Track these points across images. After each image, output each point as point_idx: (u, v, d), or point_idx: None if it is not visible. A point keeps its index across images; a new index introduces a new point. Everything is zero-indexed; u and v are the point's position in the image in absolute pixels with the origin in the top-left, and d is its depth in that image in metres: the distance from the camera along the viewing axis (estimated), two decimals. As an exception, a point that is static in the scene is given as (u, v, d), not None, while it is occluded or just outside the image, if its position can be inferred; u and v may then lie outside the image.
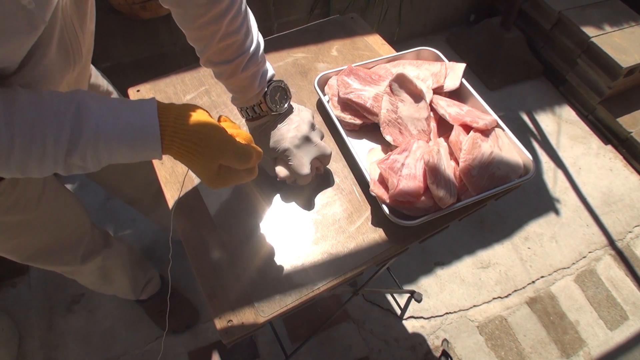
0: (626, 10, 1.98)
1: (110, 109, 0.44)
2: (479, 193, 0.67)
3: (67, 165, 0.43)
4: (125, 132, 0.44)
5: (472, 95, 0.80)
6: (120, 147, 0.44)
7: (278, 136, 0.66)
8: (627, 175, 1.81)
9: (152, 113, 0.46)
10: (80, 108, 0.42)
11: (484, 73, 2.08)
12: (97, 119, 0.43)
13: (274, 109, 0.66)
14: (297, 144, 0.65)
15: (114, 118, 0.44)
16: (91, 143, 0.42)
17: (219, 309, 0.59)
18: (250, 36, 0.61)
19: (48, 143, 0.40)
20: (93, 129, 0.42)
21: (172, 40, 1.55)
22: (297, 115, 0.68)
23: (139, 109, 0.46)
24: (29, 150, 0.40)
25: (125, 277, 1.11)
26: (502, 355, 1.35)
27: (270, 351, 1.30)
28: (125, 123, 0.44)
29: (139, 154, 0.46)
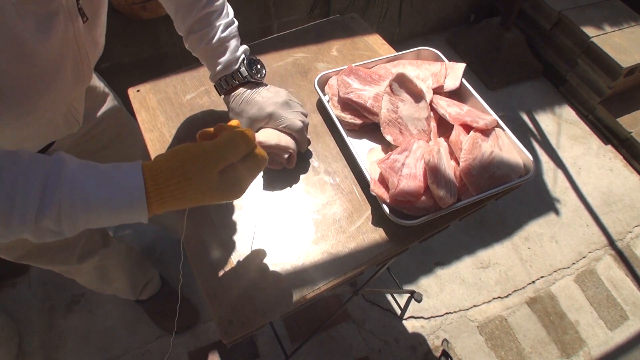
0: (626, 10, 1.98)
1: (90, 167, 0.42)
2: (479, 193, 0.67)
3: (38, 229, 0.38)
4: (104, 186, 0.41)
5: (472, 95, 0.80)
6: (99, 205, 0.40)
7: (259, 102, 0.67)
8: (627, 175, 1.81)
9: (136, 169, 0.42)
10: (58, 163, 0.39)
11: (484, 73, 2.08)
12: (74, 173, 0.40)
13: (253, 76, 0.68)
14: (280, 108, 0.67)
15: (94, 173, 0.41)
16: (65, 200, 0.38)
17: (219, 309, 0.59)
18: (226, 3, 0.68)
19: (16, 199, 0.36)
20: (68, 184, 0.39)
21: (172, 40, 1.55)
22: (273, 87, 0.70)
23: (122, 166, 0.43)
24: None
25: (125, 277, 1.11)
26: (502, 355, 1.35)
27: (270, 351, 1.30)
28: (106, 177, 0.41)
29: (120, 214, 0.42)
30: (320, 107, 0.84)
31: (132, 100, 0.84)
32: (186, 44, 0.70)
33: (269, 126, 0.68)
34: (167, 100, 0.84)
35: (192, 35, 0.67)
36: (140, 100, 0.84)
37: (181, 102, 0.83)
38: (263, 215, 0.69)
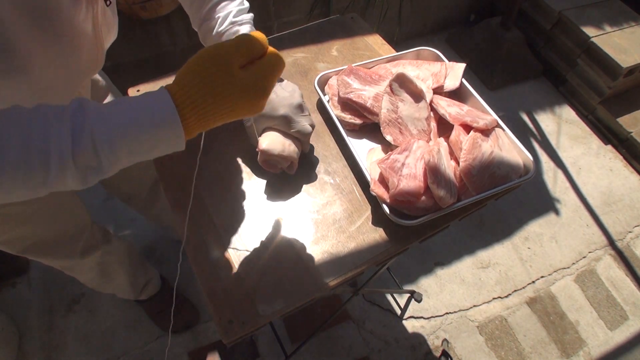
0: (626, 10, 1.98)
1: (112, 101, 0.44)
2: (479, 193, 0.67)
3: (78, 168, 0.38)
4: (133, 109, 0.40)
5: (472, 95, 0.80)
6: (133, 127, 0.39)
7: (273, 100, 0.65)
8: (627, 175, 1.81)
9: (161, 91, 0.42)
10: (79, 101, 0.40)
11: (484, 73, 2.08)
12: (99, 106, 0.40)
13: None
14: (294, 112, 0.66)
15: (119, 102, 0.41)
16: (98, 126, 0.38)
17: (219, 309, 0.59)
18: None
19: (51, 140, 0.37)
20: (97, 112, 0.39)
21: (172, 40, 1.55)
22: (289, 85, 0.69)
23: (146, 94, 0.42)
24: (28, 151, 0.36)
25: (125, 275, 1.11)
26: (502, 355, 1.35)
27: (270, 351, 1.30)
28: (133, 101, 0.40)
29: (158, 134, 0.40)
30: (320, 107, 0.84)
31: (132, 100, 0.84)
32: (200, 35, 0.69)
33: (279, 128, 0.67)
34: (167, 100, 0.83)
35: (206, 24, 0.66)
36: (140, 100, 0.84)
37: (181, 102, 0.83)
38: (263, 215, 0.69)
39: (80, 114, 0.38)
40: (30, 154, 0.36)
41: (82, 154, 0.38)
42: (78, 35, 0.51)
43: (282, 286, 0.61)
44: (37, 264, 1.42)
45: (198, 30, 0.69)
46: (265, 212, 0.70)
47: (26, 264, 1.41)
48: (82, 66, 0.56)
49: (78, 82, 0.60)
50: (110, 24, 0.60)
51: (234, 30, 0.65)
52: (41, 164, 0.37)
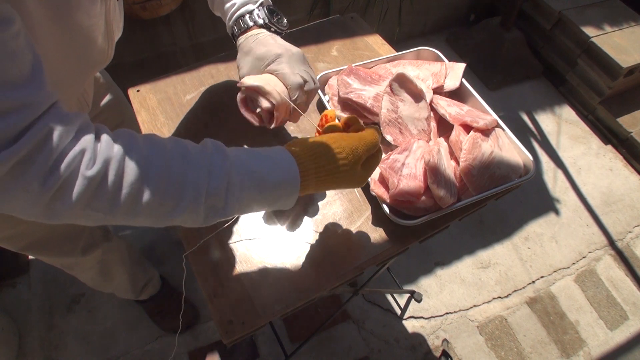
0: (626, 10, 1.98)
1: (246, 149, 0.46)
2: (479, 193, 0.67)
3: (207, 206, 0.41)
4: (265, 163, 0.45)
5: (472, 95, 0.80)
6: (262, 180, 0.44)
7: (271, 43, 0.61)
8: (627, 175, 1.81)
9: (286, 154, 0.47)
10: (218, 144, 0.44)
11: (484, 73, 2.08)
12: (236, 152, 0.44)
13: (271, 20, 0.64)
14: (291, 56, 0.61)
15: (251, 152, 0.46)
16: (234, 172, 0.42)
17: (219, 309, 0.59)
18: None
19: (189, 172, 0.40)
20: (235, 160, 0.43)
21: (172, 40, 1.55)
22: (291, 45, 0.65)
23: (272, 150, 0.48)
24: (169, 176, 0.39)
25: (125, 274, 1.11)
26: (502, 355, 1.35)
27: (270, 351, 1.30)
28: (264, 156, 0.46)
29: (277, 191, 0.46)
30: (320, 107, 0.84)
31: (132, 100, 0.84)
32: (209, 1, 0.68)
33: (267, 70, 0.61)
34: (167, 100, 0.84)
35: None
36: (140, 100, 0.84)
37: (181, 102, 0.83)
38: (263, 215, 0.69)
39: (220, 155, 0.42)
40: (168, 184, 0.39)
41: (214, 193, 0.41)
42: (92, 28, 0.51)
43: (282, 286, 0.61)
44: (37, 264, 1.42)
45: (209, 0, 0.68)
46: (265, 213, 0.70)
47: (26, 264, 1.41)
48: (93, 59, 0.57)
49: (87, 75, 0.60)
50: (118, 20, 0.61)
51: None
52: (175, 194, 0.39)
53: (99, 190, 0.36)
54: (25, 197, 0.34)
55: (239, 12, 0.63)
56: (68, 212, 0.36)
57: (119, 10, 0.61)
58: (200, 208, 0.41)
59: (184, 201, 0.40)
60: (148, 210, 0.39)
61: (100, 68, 0.64)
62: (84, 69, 0.57)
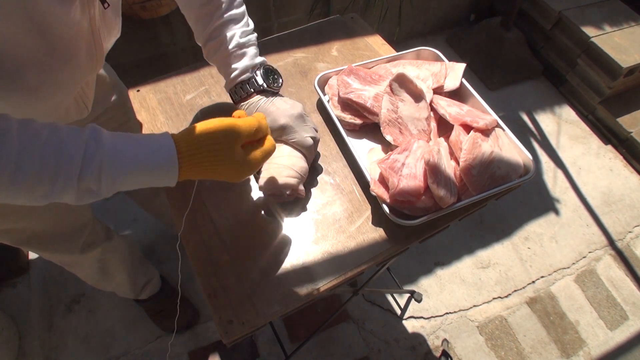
0: (626, 10, 1.98)
1: (123, 135, 0.47)
2: (479, 193, 0.67)
3: (80, 189, 0.43)
4: (141, 149, 0.46)
5: (472, 95, 0.80)
6: (136, 165, 0.45)
7: (273, 112, 0.66)
8: (627, 175, 1.81)
9: (166, 135, 0.48)
10: (95, 132, 0.44)
11: (484, 73, 2.08)
12: (112, 139, 0.45)
13: (269, 85, 0.68)
14: (295, 122, 0.66)
15: (129, 138, 0.46)
16: (106, 161, 0.43)
17: (219, 309, 0.59)
18: (245, 9, 0.69)
19: (62, 161, 0.41)
20: (109, 147, 0.44)
21: (172, 40, 1.55)
22: (290, 100, 0.69)
23: (153, 135, 0.48)
24: (41, 168, 0.40)
25: (125, 273, 1.11)
26: (502, 355, 1.35)
27: (270, 351, 1.30)
28: (140, 141, 0.47)
29: (154, 174, 0.47)
30: (320, 107, 0.84)
31: (132, 100, 0.84)
32: (205, 52, 0.70)
33: (280, 140, 0.67)
34: (167, 100, 0.84)
35: (211, 42, 0.67)
36: (140, 100, 0.84)
37: (181, 102, 0.83)
38: (263, 215, 0.69)
39: (94, 144, 0.43)
40: (42, 169, 0.40)
41: (86, 180, 0.42)
42: (74, 38, 0.51)
43: (282, 286, 0.61)
44: (37, 264, 1.42)
45: (202, 48, 0.70)
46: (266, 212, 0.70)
47: (26, 264, 1.41)
48: (82, 68, 0.56)
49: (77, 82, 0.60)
50: (111, 26, 0.60)
51: (240, 53, 0.67)
52: (49, 180, 0.41)
53: None
54: None
55: (240, 79, 0.67)
56: None
57: (114, 15, 0.60)
58: (73, 190, 0.43)
59: (56, 186, 0.41)
60: (25, 193, 0.41)
61: (90, 75, 0.63)
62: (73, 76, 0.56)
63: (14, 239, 0.77)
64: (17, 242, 0.78)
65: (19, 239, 0.78)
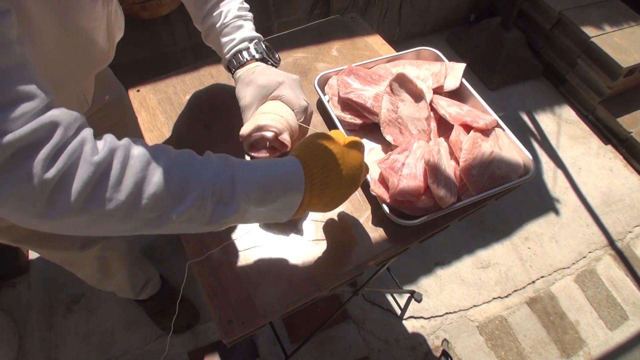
0: (626, 10, 1.98)
1: (250, 164, 0.47)
2: (479, 193, 0.67)
3: (212, 201, 0.42)
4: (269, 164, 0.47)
5: (472, 95, 0.80)
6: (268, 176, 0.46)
7: (272, 72, 0.65)
8: (627, 175, 1.81)
9: (295, 163, 0.49)
10: (222, 155, 0.46)
11: (484, 73, 2.08)
12: (240, 160, 0.46)
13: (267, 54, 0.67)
14: (292, 83, 0.65)
15: (259, 162, 0.47)
16: (238, 172, 0.43)
17: (219, 309, 0.59)
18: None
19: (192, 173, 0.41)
20: (238, 161, 0.45)
21: (172, 40, 1.55)
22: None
23: (281, 161, 0.49)
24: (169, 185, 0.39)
25: (125, 272, 1.11)
26: (502, 355, 1.35)
27: (270, 351, 1.30)
28: (268, 162, 0.48)
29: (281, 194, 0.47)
30: (320, 107, 0.84)
31: (132, 100, 0.84)
32: (203, 31, 0.70)
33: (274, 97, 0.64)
34: (167, 100, 0.84)
35: (208, 19, 0.67)
36: (140, 100, 0.84)
37: (181, 102, 0.83)
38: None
39: (223, 158, 0.44)
40: (174, 177, 0.39)
41: (220, 186, 0.42)
42: (94, 30, 0.53)
43: (282, 286, 0.61)
44: (37, 264, 1.42)
45: (201, 27, 0.70)
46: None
47: (26, 264, 1.41)
48: (94, 60, 0.58)
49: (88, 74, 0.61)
50: (120, 22, 0.63)
51: (238, 24, 0.66)
52: (180, 186, 0.40)
53: (102, 178, 0.36)
54: (25, 190, 0.33)
55: (238, 47, 0.66)
56: (67, 209, 0.35)
57: (120, 12, 0.63)
58: (208, 201, 0.41)
59: (191, 194, 0.40)
60: (152, 203, 0.38)
61: (101, 68, 0.65)
62: (84, 68, 0.58)
63: (14, 237, 0.77)
64: (17, 239, 0.78)
65: (19, 236, 0.78)
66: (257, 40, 0.68)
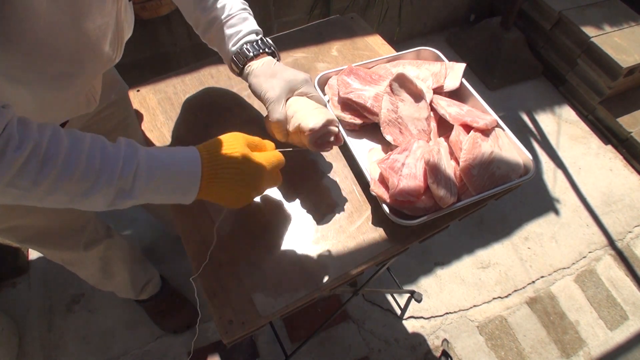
0: (626, 10, 1.98)
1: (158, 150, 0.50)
2: (479, 193, 0.67)
3: (116, 188, 0.46)
4: (168, 163, 0.49)
5: (472, 95, 0.80)
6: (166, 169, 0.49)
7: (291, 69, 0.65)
8: (627, 175, 1.81)
9: (194, 153, 0.52)
10: (131, 141, 0.48)
11: (484, 73, 2.08)
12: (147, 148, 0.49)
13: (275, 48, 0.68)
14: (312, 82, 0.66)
15: (161, 148, 0.51)
16: (142, 163, 0.47)
17: (219, 308, 0.59)
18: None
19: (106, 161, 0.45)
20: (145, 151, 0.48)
21: (172, 40, 1.55)
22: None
23: (182, 150, 0.52)
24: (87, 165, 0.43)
25: (126, 272, 1.11)
26: (502, 355, 1.35)
27: (270, 351, 1.30)
28: (170, 156, 0.50)
29: (177, 187, 0.50)
30: (320, 107, 0.84)
31: (132, 100, 0.84)
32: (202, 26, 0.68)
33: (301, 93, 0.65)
34: (167, 100, 0.84)
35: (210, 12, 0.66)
36: (140, 100, 0.84)
37: (181, 102, 0.83)
38: (263, 215, 0.69)
39: (132, 149, 0.47)
40: (88, 167, 0.43)
41: (123, 179, 0.45)
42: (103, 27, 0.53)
43: (282, 286, 0.61)
44: (37, 264, 1.42)
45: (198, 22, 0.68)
46: (265, 213, 0.70)
47: (26, 264, 1.41)
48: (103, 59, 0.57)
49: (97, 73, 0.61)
50: (130, 20, 0.62)
51: (244, 16, 0.66)
52: (94, 176, 0.44)
53: (24, 168, 0.39)
54: None
55: (246, 38, 0.66)
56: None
57: (130, 10, 0.62)
58: (111, 190, 0.45)
59: (99, 183, 0.44)
60: (67, 188, 0.43)
61: (108, 67, 0.64)
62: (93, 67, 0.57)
63: (19, 237, 0.77)
64: (21, 239, 0.78)
65: (23, 236, 0.78)
66: (261, 34, 0.68)
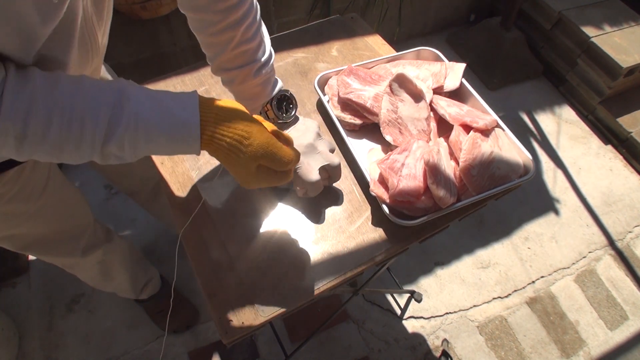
0: (626, 10, 1.98)
1: (150, 98, 0.44)
2: (479, 193, 0.67)
3: (104, 154, 0.43)
4: (164, 122, 0.44)
5: (472, 95, 0.80)
6: (159, 137, 0.44)
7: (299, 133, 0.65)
8: (627, 175, 1.81)
9: (193, 106, 0.45)
10: (121, 95, 0.42)
11: (484, 73, 2.08)
12: (137, 106, 0.43)
13: (280, 117, 0.66)
14: (303, 151, 0.65)
15: (154, 106, 0.44)
16: (130, 131, 0.42)
17: (219, 309, 0.59)
18: (263, 45, 0.64)
19: (86, 128, 0.40)
20: (132, 116, 0.42)
21: (172, 40, 1.55)
22: (303, 124, 0.68)
23: (181, 100, 0.46)
24: (67, 134, 0.40)
25: (126, 273, 1.11)
26: (502, 355, 1.35)
27: (270, 351, 1.30)
28: (166, 112, 0.44)
29: (176, 147, 0.46)
30: (320, 107, 0.84)
31: (132, 100, 0.84)
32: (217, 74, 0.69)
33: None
34: (167, 101, 0.83)
35: (221, 72, 0.65)
36: (140, 100, 0.84)
37: (181, 102, 0.83)
38: (263, 215, 0.69)
39: (117, 112, 0.42)
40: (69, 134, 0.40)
41: (109, 147, 0.42)
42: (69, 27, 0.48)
43: (282, 286, 0.61)
44: (37, 264, 1.42)
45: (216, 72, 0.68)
46: (265, 213, 0.70)
47: (26, 264, 1.41)
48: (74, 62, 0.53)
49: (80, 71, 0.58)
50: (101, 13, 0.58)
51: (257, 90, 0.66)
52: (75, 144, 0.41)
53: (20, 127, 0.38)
54: None
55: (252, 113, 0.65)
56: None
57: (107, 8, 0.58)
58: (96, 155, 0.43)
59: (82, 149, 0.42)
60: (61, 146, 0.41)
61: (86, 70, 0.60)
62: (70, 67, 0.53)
63: (16, 245, 0.77)
64: (19, 247, 0.78)
65: (21, 244, 0.78)
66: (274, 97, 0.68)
